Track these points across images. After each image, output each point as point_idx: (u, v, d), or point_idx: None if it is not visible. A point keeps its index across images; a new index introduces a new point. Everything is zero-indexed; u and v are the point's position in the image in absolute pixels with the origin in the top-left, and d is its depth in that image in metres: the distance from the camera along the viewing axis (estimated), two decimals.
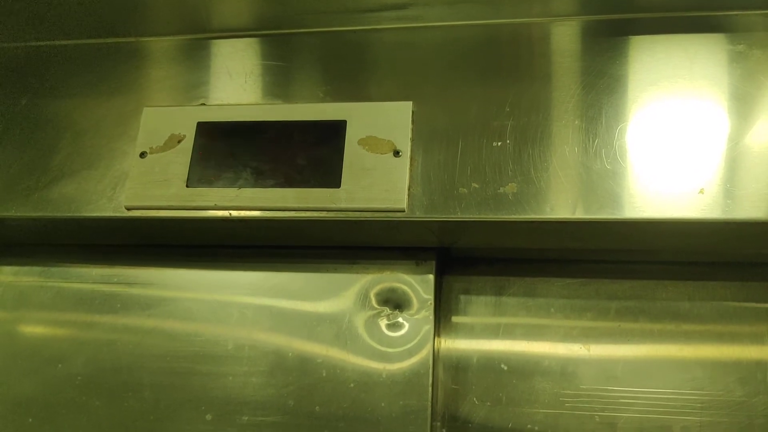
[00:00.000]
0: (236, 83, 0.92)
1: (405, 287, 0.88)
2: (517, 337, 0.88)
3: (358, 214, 0.80)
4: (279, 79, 0.91)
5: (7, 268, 1.00)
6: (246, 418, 0.86)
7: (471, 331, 0.89)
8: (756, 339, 0.83)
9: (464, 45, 0.87)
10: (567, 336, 0.87)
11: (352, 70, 0.89)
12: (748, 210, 0.72)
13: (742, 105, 0.78)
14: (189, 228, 0.88)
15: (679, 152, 0.76)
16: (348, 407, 0.84)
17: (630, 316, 0.87)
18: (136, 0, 0.95)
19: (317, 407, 0.85)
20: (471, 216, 0.77)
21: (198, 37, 0.96)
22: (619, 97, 0.80)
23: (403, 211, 0.79)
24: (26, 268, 1.00)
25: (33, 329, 0.97)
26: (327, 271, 0.91)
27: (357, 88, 0.87)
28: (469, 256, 0.93)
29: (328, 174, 0.82)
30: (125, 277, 0.96)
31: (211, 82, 0.92)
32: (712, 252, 0.85)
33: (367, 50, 0.90)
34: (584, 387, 0.85)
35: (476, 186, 0.78)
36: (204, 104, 0.90)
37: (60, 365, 0.93)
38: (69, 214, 0.88)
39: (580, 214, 0.74)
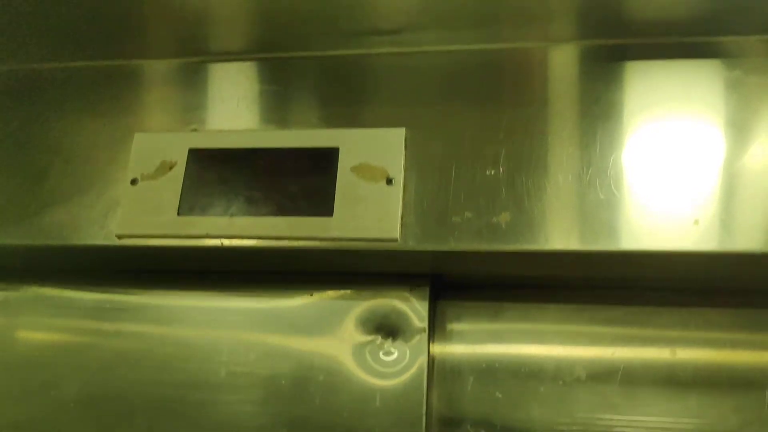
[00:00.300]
0: (229, 108, 0.91)
1: (398, 314, 0.87)
2: (511, 363, 0.88)
3: (350, 243, 0.80)
4: (272, 103, 0.90)
5: None
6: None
7: (465, 358, 0.89)
8: (751, 367, 0.83)
9: (458, 70, 0.87)
10: (562, 362, 0.87)
11: (346, 95, 0.88)
12: (742, 241, 0.72)
13: (738, 132, 0.77)
14: (180, 256, 0.87)
15: (674, 181, 0.75)
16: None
17: (625, 342, 0.86)
18: (128, 23, 0.94)
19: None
20: (464, 246, 0.76)
21: (190, 60, 0.95)
22: (615, 123, 0.80)
23: (396, 241, 0.78)
24: (17, 294, 0.99)
25: (24, 355, 0.96)
26: (320, 297, 0.90)
27: (350, 114, 0.87)
28: (463, 283, 0.92)
29: (321, 202, 0.81)
30: (118, 303, 0.95)
31: (203, 107, 0.91)
32: (707, 280, 0.84)
33: (361, 75, 0.89)
34: (580, 415, 0.84)
35: (469, 215, 0.77)
36: (196, 130, 0.89)
37: (52, 392, 0.93)
38: (60, 243, 0.87)
39: (574, 246, 0.74)
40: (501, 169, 0.79)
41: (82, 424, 0.91)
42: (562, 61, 0.85)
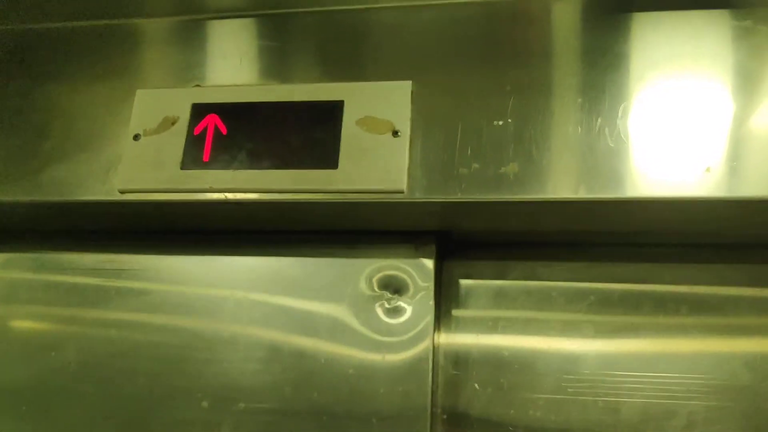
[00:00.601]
0: (231, 64, 0.89)
1: (404, 273, 0.87)
2: (518, 324, 0.87)
3: (356, 195, 0.78)
4: (274, 59, 0.89)
5: None
6: (242, 404, 0.85)
7: (472, 318, 0.88)
8: (762, 324, 0.82)
9: (463, 24, 0.85)
10: (569, 321, 0.86)
11: (349, 50, 0.87)
12: (753, 188, 0.70)
13: (748, 82, 0.76)
14: (183, 212, 0.86)
15: (684, 131, 0.74)
16: (346, 394, 0.83)
17: (634, 300, 0.85)
18: None
19: (315, 394, 0.84)
20: (472, 197, 0.75)
21: (191, 18, 0.94)
22: (623, 75, 0.78)
23: (403, 192, 0.77)
24: (17, 256, 0.98)
25: (25, 317, 0.95)
26: (325, 256, 0.90)
27: (354, 68, 0.85)
28: (470, 240, 0.91)
29: (326, 155, 0.80)
30: (119, 263, 0.94)
31: (205, 64, 0.90)
32: (717, 234, 0.83)
33: (364, 30, 0.88)
34: (587, 372, 0.83)
35: (477, 166, 0.76)
36: (198, 86, 0.88)
37: (53, 353, 0.92)
38: (61, 198, 0.86)
39: (582, 194, 0.73)
40: (509, 120, 0.78)
41: (83, 384, 0.90)
42: (569, 13, 0.84)
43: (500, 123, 0.78)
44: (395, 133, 0.80)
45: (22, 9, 0.97)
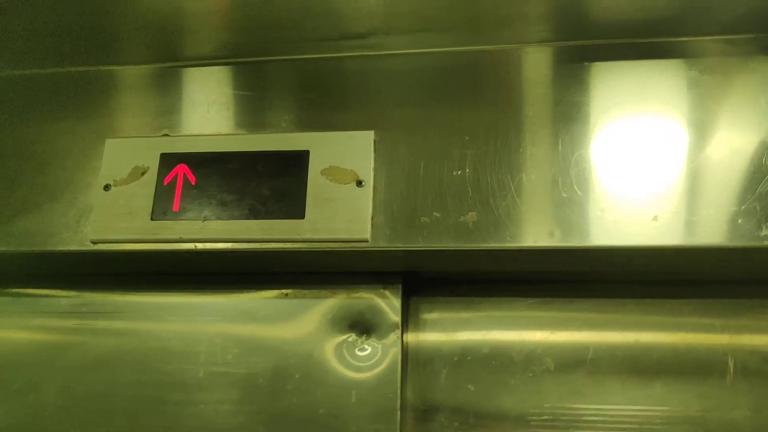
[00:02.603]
0: (199, 113, 0.92)
1: (372, 310, 0.90)
2: (483, 356, 0.90)
3: (322, 244, 0.81)
4: (241, 108, 0.91)
5: None
6: None
7: (438, 352, 0.91)
8: (713, 355, 0.86)
9: (424, 73, 0.88)
10: (532, 354, 0.89)
11: (315, 99, 0.89)
12: (700, 236, 0.74)
13: (695, 130, 0.80)
14: (155, 259, 0.88)
15: (634, 179, 0.78)
16: (320, 430, 0.86)
17: (591, 333, 0.89)
18: (98, 28, 0.93)
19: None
20: (433, 245, 0.78)
21: (160, 66, 0.96)
22: (575, 124, 0.82)
23: (367, 241, 0.80)
24: None
25: (2, 359, 0.96)
26: (295, 296, 0.92)
27: (319, 117, 0.88)
28: (436, 278, 0.94)
29: (293, 205, 0.83)
30: (94, 306, 0.96)
31: (174, 112, 0.92)
32: (667, 272, 0.87)
33: (329, 78, 0.91)
34: (548, 405, 0.87)
35: (437, 215, 0.79)
36: (167, 135, 0.90)
37: (32, 395, 0.93)
38: (34, 249, 0.88)
39: (539, 242, 0.76)
40: (467, 169, 0.81)
41: (62, 425, 0.92)
42: (524, 63, 0.87)
43: (459, 173, 0.81)
44: (359, 183, 0.83)
45: None
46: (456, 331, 0.92)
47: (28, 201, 0.90)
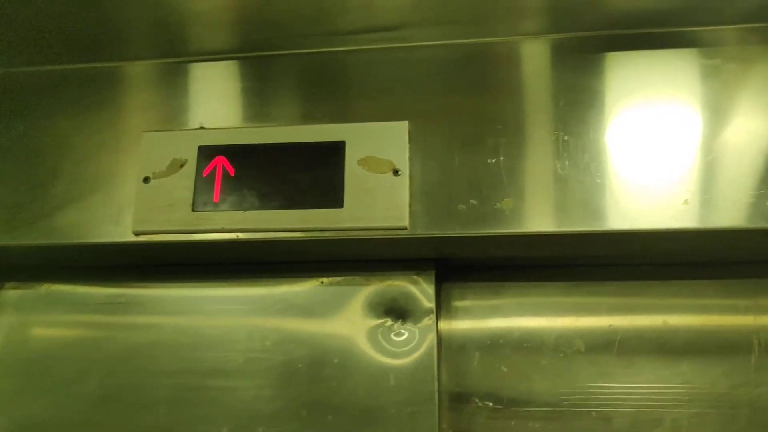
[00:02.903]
0: (234, 105, 0.94)
1: (407, 297, 0.92)
2: (514, 339, 0.93)
3: (361, 232, 0.84)
4: (276, 100, 0.93)
5: (13, 292, 1.01)
6: (261, 429, 0.89)
7: (471, 336, 0.94)
8: (737, 334, 0.89)
9: (455, 63, 0.90)
10: (562, 336, 0.92)
11: (348, 91, 0.92)
12: (728, 218, 0.77)
13: (717, 116, 0.83)
14: (196, 250, 0.90)
15: (664, 165, 0.81)
16: (359, 415, 0.88)
17: (620, 314, 0.92)
18: (134, 22, 0.95)
19: (330, 416, 0.89)
20: (470, 232, 0.81)
21: (192, 59, 0.97)
22: (606, 111, 0.84)
23: (406, 229, 0.83)
24: (32, 291, 1.01)
25: (43, 352, 0.98)
26: (330, 284, 0.95)
27: (353, 109, 0.90)
28: (467, 264, 0.97)
29: (331, 194, 0.85)
30: (133, 297, 0.98)
31: (209, 105, 0.94)
32: (694, 254, 0.90)
33: (361, 70, 0.93)
34: (580, 384, 0.90)
35: (474, 202, 0.82)
36: (203, 128, 0.92)
37: (74, 386, 0.96)
38: (76, 241, 0.90)
39: (575, 227, 0.79)
40: (501, 157, 0.83)
41: (103, 417, 0.94)
42: (553, 53, 0.89)
43: (493, 160, 0.83)
44: (396, 172, 0.85)
45: (27, 51, 0.99)
46: (488, 316, 0.95)
47: (69, 195, 0.91)
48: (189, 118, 0.94)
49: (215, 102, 0.95)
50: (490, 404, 0.91)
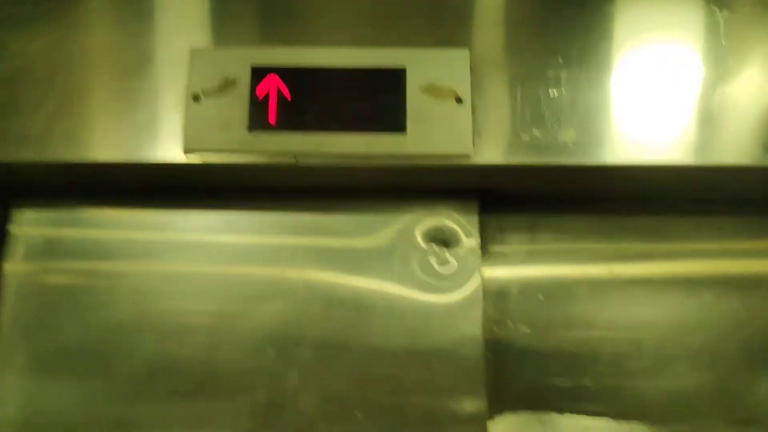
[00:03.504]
0: (289, 23, 0.90)
1: (451, 226, 0.94)
2: (550, 268, 0.97)
3: (425, 159, 0.84)
4: (334, 20, 0.90)
5: (40, 214, 0.96)
6: (307, 352, 0.90)
7: (511, 264, 0.97)
8: (756, 266, 0.97)
9: None
10: (593, 265, 0.97)
11: (409, 13, 0.90)
12: None
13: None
14: (249, 171, 0.88)
15: (691, 101, 0.85)
16: (405, 338, 0.90)
17: (647, 245, 0.98)
18: None
19: (375, 339, 0.90)
20: (536, 161, 0.83)
21: None
22: (658, 49, 0.87)
23: (469, 156, 0.84)
24: (53, 215, 0.96)
25: (77, 275, 0.94)
26: (375, 212, 0.95)
27: (414, 32, 0.89)
28: (505, 196, 0.99)
29: (394, 119, 0.85)
30: (168, 223, 0.95)
31: (259, 22, 0.90)
32: (703, 191, 0.95)
33: None
34: (610, 308, 0.95)
35: (537, 134, 0.84)
36: (256, 46, 0.88)
37: (106, 310, 0.93)
38: (118, 160, 0.85)
39: (635, 161, 0.83)
40: (563, 90, 0.85)
41: (139, 340, 0.92)
42: None
43: (555, 92, 0.85)
44: (458, 100, 0.85)
45: None
46: (525, 244, 0.98)
47: (109, 109, 0.86)
48: (242, 36, 0.89)
49: (267, 19, 0.91)
50: (527, 327, 0.95)
